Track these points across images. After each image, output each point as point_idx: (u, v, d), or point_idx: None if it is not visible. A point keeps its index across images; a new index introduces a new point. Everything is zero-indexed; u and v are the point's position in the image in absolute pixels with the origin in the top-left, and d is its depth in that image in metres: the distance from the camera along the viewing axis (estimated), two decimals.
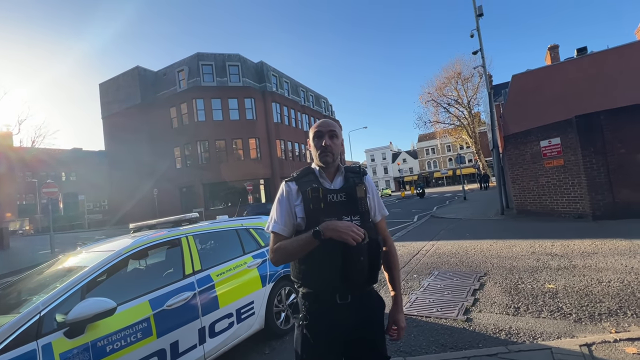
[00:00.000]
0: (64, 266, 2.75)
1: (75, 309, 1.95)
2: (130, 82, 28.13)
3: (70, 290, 2.14)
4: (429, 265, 5.62)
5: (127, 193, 26.93)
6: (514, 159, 10.26)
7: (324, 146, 1.40)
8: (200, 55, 25.77)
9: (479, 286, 4.27)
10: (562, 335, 2.82)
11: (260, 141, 26.03)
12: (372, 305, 1.40)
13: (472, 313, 3.50)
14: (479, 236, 7.76)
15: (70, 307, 1.98)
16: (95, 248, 2.90)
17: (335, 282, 1.28)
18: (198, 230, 3.25)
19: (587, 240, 6.02)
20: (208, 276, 2.93)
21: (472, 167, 49.95)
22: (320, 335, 1.32)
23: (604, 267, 4.42)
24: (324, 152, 1.40)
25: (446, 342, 2.96)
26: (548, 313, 3.27)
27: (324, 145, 1.40)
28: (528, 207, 9.93)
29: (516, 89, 15.36)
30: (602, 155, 7.82)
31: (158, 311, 2.42)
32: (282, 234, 1.38)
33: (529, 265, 4.90)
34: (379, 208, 1.51)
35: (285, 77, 31.41)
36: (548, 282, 4.10)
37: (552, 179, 9.02)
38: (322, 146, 1.40)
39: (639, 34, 17.84)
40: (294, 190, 1.40)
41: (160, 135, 26.06)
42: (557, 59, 19.97)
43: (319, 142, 1.42)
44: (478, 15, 11.95)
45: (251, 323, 3.16)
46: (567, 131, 8.47)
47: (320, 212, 1.32)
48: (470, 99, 34.75)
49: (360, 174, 1.47)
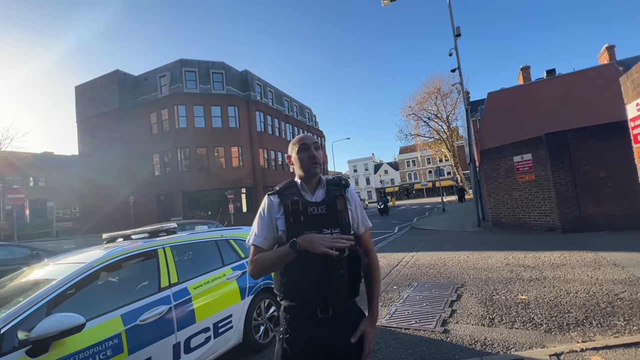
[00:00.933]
0: (28, 279, 2.60)
1: (39, 325, 1.84)
2: (109, 86, 27.29)
3: (35, 305, 2.02)
4: (409, 276, 5.70)
5: (101, 200, 25.78)
6: (490, 173, 10.69)
7: (311, 157, 1.43)
8: (183, 62, 25.46)
9: (456, 297, 4.36)
10: (533, 346, 2.92)
11: (242, 149, 25.77)
12: (353, 319, 1.40)
13: (450, 324, 3.57)
14: (457, 248, 7.97)
15: (35, 323, 1.87)
16: (64, 260, 2.77)
17: (316, 295, 1.29)
18: (176, 242, 3.17)
19: (557, 252, 6.31)
20: (185, 289, 2.85)
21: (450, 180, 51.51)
22: (300, 350, 1.31)
23: (572, 279, 4.65)
24: (313, 162, 1.43)
25: (424, 354, 3.00)
26: (521, 324, 3.39)
27: (312, 156, 1.43)
28: (503, 220, 10.31)
29: (491, 106, 16.13)
30: (569, 171, 8.29)
31: (130, 326, 2.32)
32: (262, 247, 1.38)
33: (503, 277, 5.07)
34: (362, 220, 1.51)
35: (270, 87, 31.51)
36: (521, 293, 4.25)
37: (524, 192, 9.44)
38: (310, 157, 1.43)
39: (601, 59, 19.27)
40: (276, 203, 1.41)
41: (138, 141, 25.29)
42: (529, 78, 21.19)
43: (307, 153, 1.44)
44: (456, 35, 12.55)
45: (229, 337, 3.08)
46: (538, 148, 8.94)
47: (300, 225, 1.33)
48: (449, 114, 36.11)
49: (342, 186, 1.48)
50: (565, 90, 14.15)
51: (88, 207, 28.01)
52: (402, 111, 38.57)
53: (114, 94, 26.93)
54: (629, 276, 4.48)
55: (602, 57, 19.17)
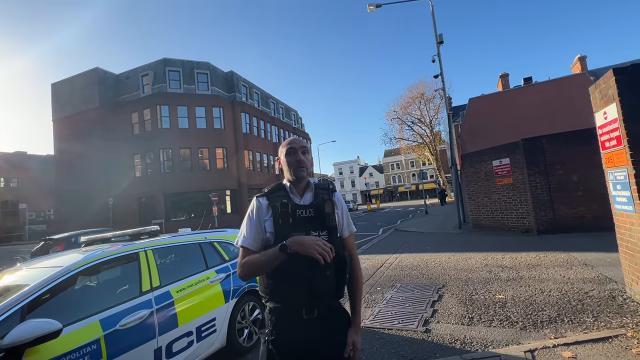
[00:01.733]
0: (0, 285, 2.49)
1: (12, 332, 1.78)
2: (88, 84, 26.37)
3: (8, 311, 1.95)
4: (392, 277, 5.79)
5: (78, 202, 24.81)
6: (470, 176, 11.02)
7: (298, 161, 1.45)
8: (167, 61, 24.96)
9: (437, 298, 4.47)
10: (509, 343, 3.05)
11: (227, 151, 25.45)
12: (338, 320, 1.43)
13: (431, 324, 3.66)
14: (439, 249, 8.16)
15: (8, 330, 1.81)
16: (39, 264, 2.67)
17: (302, 296, 1.31)
18: (158, 244, 3.11)
19: (533, 253, 6.57)
20: (167, 292, 2.80)
21: (433, 183, 52.60)
22: (286, 351, 1.33)
23: (546, 278, 4.86)
24: (299, 166, 1.45)
25: (406, 354, 3.06)
26: (498, 322, 3.52)
27: (298, 160, 1.45)
28: (482, 222, 10.64)
29: (472, 111, 16.65)
30: (544, 175, 8.66)
31: (110, 332, 2.27)
32: (250, 249, 1.39)
33: (482, 277, 5.24)
34: (347, 224, 1.55)
35: (256, 88, 31.32)
36: (499, 293, 4.41)
37: (503, 195, 9.78)
38: (297, 161, 1.45)
39: (574, 68, 20.27)
40: (264, 205, 1.43)
41: (119, 142, 24.53)
42: (507, 85, 22.01)
43: (294, 157, 1.47)
44: (439, 42, 12.90)
45: (212, 341, 3.05)
46: (515, 152, 9.30)
47: (289, 227, 1.35)
48: (432, 118, 37.05)
49: (329, 190, 1.52)
50: (540, 97, 14.80)
51: (64, 209, 26.87)
52: (387, 115, 39.26)
53: (93, 92, 26.03)
54: (598, 275, 4.72)
55: (574, 67, 20.17)
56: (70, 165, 26.14)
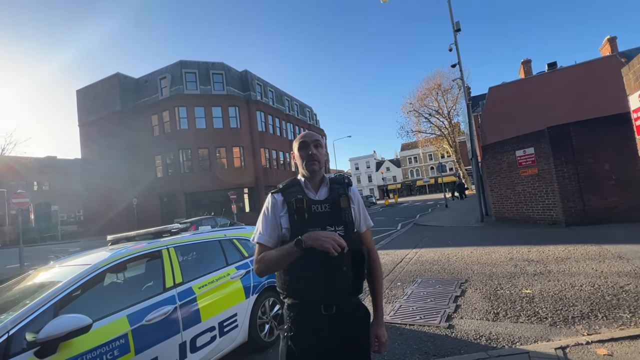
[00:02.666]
0: (35, 282, 2.63)
1: (47, 327, 1.86)
2: (110, 89, 27.41)
3: (42, 307, 2.04)
4: (413, 273, 5.70)
5: (104, 203, 25.94)
6: (492, 167, 10.65)
7: (310, 155, 1.43)
8: (183, 63, 25.51)
9: (460, 293, 4.36)
10: (538, 339, 2.92)
11: (244, 150, 25.82)
12: (357, 316, 1.41)
13: (454, 320, 3.57)
14: (460, 243, 7.95)
15: (42, 325, 1.89)
16: (70, 262, 2.79)
17: (320, 292, 1.30)
18: (180, 242, 3.18)
19: (561, 246, 6.29)
20: (190, 289, 2.86)
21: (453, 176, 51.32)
22: (305, 347, 1.32)
23: (577, 272, 4.63)
24: (311, 160, 1.43)
25: (429, 350, 3.00)
26: (525, 318, 3.38)
27: (310, 154, 1.43)
28: (506, 215, 10.27)
29: (493, 101, 16.06)
30: (572, 164, 8.24)
31: (136, 326, 2.34)
32: (266, 245, 1.39)
33: (507, 271, 5.06)
34: (364, 219, 1.52)
35: (270, 86, 31.51)
36: (525, 288, 4.24)
37: (527, 187, 9.40)
38: (308, 155, 1.44)
39: (603, 50, 19.12)
40: (280, 201, 1.42)
41: (140, 144, 25.40)
42: (530, 72, 21.06)
43: (305, 151, 1.45)
44: (456, 30, 12.48)
45: (234, 336, 3.10)
46: (540, 141, 8.90)
47: (304, 223, 1.34)
48: (450, 109, 36.00)
49: (345, 185, 1.50)
50: (567, 83, 14.06)
51: (92, 210, 28.20)
52: (403, 108, 38.50)
53: (115, 97, 27.04)
54: (634, 268, 4.45)
55: (603, 49, 19.02)
56: (96, 167, 27.34)
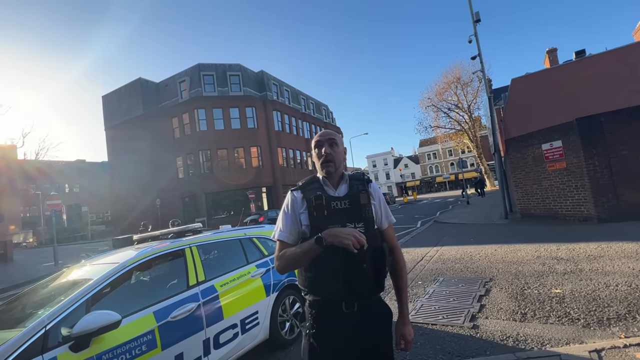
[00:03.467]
0: (68, 279, 2.76)
1: (80, 322, 1.95)
2: (133, 94, 28.47)
3: (75, 303, 2.14)
4: (434, 271, 5.58)
5: (130, 204, 27.02)
6: (516, 162, 10.24)
7: (324, 154, 1.42)
8: (201, 66, 26.10)
9: (484, 292, 4.23)
10: (570, 341, 2.78)
11: (261, 149, 26.14)
12: (379, 314, 1.40)
13: (479, 320, 3.46)
14: (484, 241, 7.71)
15: (75, 320, 1.98)
16: (99, 260, 2.91)
17: (340, 290, 1.29)
18: (201, 241, 3.26)
19: (593, 243, 5.96)
20: (212, 287, 2.92)
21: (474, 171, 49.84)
22: (327, 345, 1.32)
23: (611, 271, 4.38)
24: (325, 160, 1.42)
25: (453, 350, 2.92)
26: (556, 318, 3.23)
27: (324, 153, 1.43)
28: (532, 211, 9.87)
29: (516, 93, 15.41)
30: (604, 157, 7.79)
31: (163, 323, 2.41)
32: (287, 242, 1.40)
33: (534, 270, 4.86)
34: (386, 215, 1.50)
35: (286, 86, 31.70)
36: (555, 287, 4.06)
37: (555, 182, 8.98)
38: (322, 155, 1.43)
39: (637, 35, 17.94)
40: (299, 198, 1.42)
41: (162, 146, 26.25)
42: (555, 62, 20.09)
43: (320, 151, 1.45)
44: (475, 21, 12.08)
45: (256, 333, 3.14)
46: (569, 134, 8.47)
47: (324, 220, 1.33)
48: (470, 103, 34.89)
49: (365, 181, 1.48)
50: (597, 71, 13.26)
51: (119, 210, 29.44)
52: (421, 103, 37.62)
53: (137, 101, 28.05)
54: None
55: (637, 34, 17.84)
56: (122, 169, 28.50)
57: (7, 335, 1.94)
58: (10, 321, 2.36)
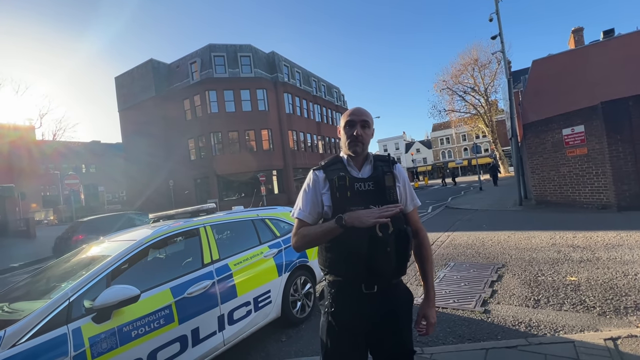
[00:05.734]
0: (88, 255, 2.85)
1: (101, 295, 2.02)
2: (145, 75, 28.48)
3: (96, 277, 2.22)
4: (445, 256, 5.56)
5: (144, 184, 27.61)
6: (534, 148, 9.93)
7: (355, 135, 1.37)
8: (212, 47, 25.78)
9: (496, 278, 4.20)
10: (585, 329, 2.75)
11: (272, 132, 26.06)
12: (399, 296, 1.38)
13: (490, 305, 3.45)
14: (496, 227, 7.61)
15: (97, 294, 2.06)
16: (117, 238, 2.99)
17: (361, 272, 1.27)
18: (215, 221, 3.30)
19: (612, 232, 5.81)
20: (226, 265, 2.98)
21: (488, 157, 48.75)
22: (345, 324, 1.32)
23: (630, 260, 4.26)
24: (354, 141, 1.37)
25: (464, 333, 2.94)
26: (570, 306, 3.19)
27: (355, 134, 1.37)
28: (548, 198, 9.63)
29: (537, 75, 14.76)
30: (629, 143, 7.45)
31: (179, 299, 2.48)
32: (306, 221, 1.39)
33: (549, 257, 4.78)
34: (411, 198, 1.47)
35: (297, 67, 31.14)
36: (570, 275, 3.99)
37: (574, 168, 8.69)
38: (353, 135, 1.37)
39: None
40: (321, 178, 1.39)
41: (174, 128, 26.45)
42: (581, 42, 19.00)
43: (351, 130, 1.39)
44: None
45: (268, 311, 3.22)
46: (592, 118, 8.10)
47: (347, 201, 1.30)
48: (487, 86, 33.63)
49: (390, 162, 1.44)
50: (627, 52, 12.55)
51: (134, 190, 30.15)
52: (435, 86, 36.49)
53: (149, 82, 28.09)
54: None
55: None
56: (136, 151, 28.98)
57: (34, 305, 2.03)
58: (36, 293, 2.47)
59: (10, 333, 1.77)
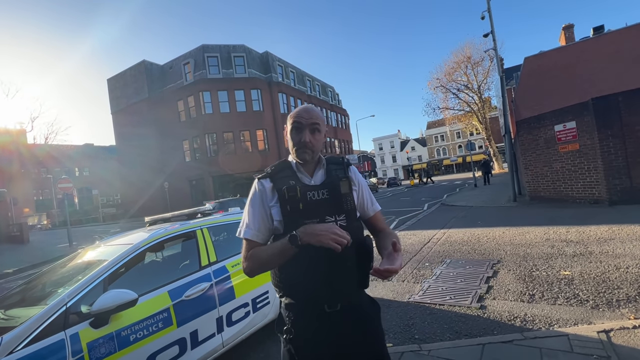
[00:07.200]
0: (84, 259, 2.83)
1: (99, 300, 2.01)
2: (137, 77, 28.25)
3: (93, 282, 2.20)
4: (441, 253, 5.61)
5: (139, 187, 27.41)
6: (527, 144, 10.04)
7: (302, 142, 1.21)
8: (205, 47, 25.65)
9: (492, 274, 4.25)
10: (579, 322, 2.80)
11: (267, 132, 26.03)
12: (365, 310, 1.25)
13: (486, 300, 3.50)
14: (491, 224, 7.69)
15: (94, 298, 2.05)
16: (113, 241, 2.98)
17: (321, 290, 1.15)
18: (212, 223, 3.29)
19: (604, 226, 5.90)
20: (224, 267, 2.98)
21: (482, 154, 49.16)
22: (308, 351, 1.17)
23: (622, 253, 4.34)
24: (302, 148, 1.22)
25: (460, 330, 2.97)
26: (564, 300, 3.25)
27: (302, 141, 1.21)
28: (541, 193, 9.76)
29: (529, 72, 14.93)
30: (619, 138, 7.58)
31: (177, 301, 2.48)
32: (255, 241, 1.21)
33: (543, 252, 4.85)
34: (370, 203, 1.35)
35: (291, 67, 31.12)
36: (563, 269, 4.05)
37: (566, 164, 8.81)
38: (300, 142, 1.22)
39: None
40: (268, 188, 1.23)
41: (168, 129, 26.28)
42: (572, 39, 19.25)
43: (298, 136, 1.22)
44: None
45: (266, 312, 3.22)
46: (583, 114, 8.22)
47: (299, 214, 1.15)
48: (481, 83, 33.92)
49: (344, 165, 1.30)
50: (615, 48, 12.75)
51: (128, 193, 29.91)
52: (429, 84, 36.68)
53: (142, 84, 27.87)
54: None
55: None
56: (130, 153, 28.72)
57: (30, 312, 2.02)
58: (32, 299, 2.45)
59: (7, 340, 1.76)
